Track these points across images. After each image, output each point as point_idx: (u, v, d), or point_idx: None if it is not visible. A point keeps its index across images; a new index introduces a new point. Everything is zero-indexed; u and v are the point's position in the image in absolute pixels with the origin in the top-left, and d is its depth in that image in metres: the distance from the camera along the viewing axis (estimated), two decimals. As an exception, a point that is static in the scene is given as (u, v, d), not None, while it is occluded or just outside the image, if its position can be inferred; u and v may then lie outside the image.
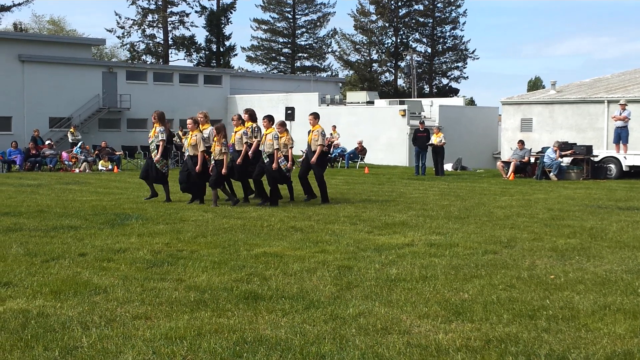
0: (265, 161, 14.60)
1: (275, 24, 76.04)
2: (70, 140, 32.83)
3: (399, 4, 74.97)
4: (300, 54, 76.95)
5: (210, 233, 10.38)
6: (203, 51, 67.38)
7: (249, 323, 5.66)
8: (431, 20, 75.46)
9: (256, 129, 15.18)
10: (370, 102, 44.88)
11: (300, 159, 17.09)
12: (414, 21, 75.75)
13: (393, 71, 77.08)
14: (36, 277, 7.23)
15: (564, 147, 24.59)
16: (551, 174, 23.69)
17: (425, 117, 40.98)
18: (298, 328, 5.53)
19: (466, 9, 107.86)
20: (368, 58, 77.45)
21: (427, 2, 74.90)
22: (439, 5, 75.36)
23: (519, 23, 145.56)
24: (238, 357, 4.89)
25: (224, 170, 14.12)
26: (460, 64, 77.14)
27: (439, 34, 76.28)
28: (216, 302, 6.27)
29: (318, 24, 75.95)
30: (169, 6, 63.52)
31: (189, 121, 14.81)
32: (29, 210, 12.99)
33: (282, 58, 77.14)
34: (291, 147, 14.76)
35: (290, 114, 35.00)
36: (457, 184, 21.98)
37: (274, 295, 6.55)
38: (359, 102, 45.59)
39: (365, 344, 5.16)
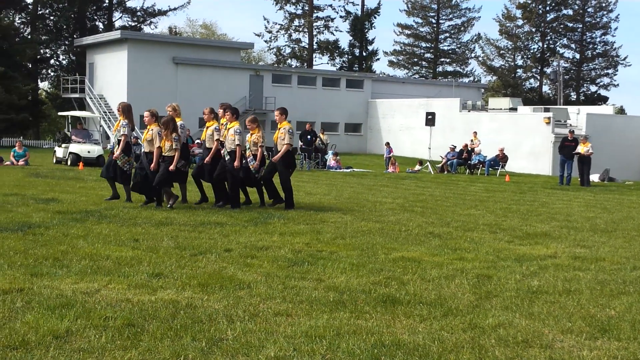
0: (226, 159, 13.40)
1: (419, 29, 75.66)
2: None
3: (547, 8, 72.78)
4: (442, 59, 76.15)
5: (349, 235, 10.51)
6: (346, 55, 68.19)
7: (386, 326, 5.70)
8: (581, 26, 72.78)
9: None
10: (513, 109, 43.75)
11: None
12: (562, 26, 73.33)
13: (538, 77, 74.92)
14: (185, 269, 7.58)
15: None
16: None
17: (571, 125, 39.53)
18: (436, 335, 5.51)
19: (618, 14, 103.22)
20: (512, 64, 75.67)
21: (576, 7, 72.32)
22: (589, 10, 72.59)
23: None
24: (376, 359, 4.94)
25: (172, 167, 12.78)
26: (610, 71, 74.00)
27: (589, 40, 73.47)
28: (354, 304, 6.36)
29: (462, 28, 74.87)
30: (315, 11, 64.81)
31: (146, 114, 13.26)
32: (178, 206, 13.62)
33: (423, 63, 76.63)
34: (261, 146, 13.63)
35: (430, 119, 34.73)
36: (604, 195, 21.06)
37: (411, 300, 6.56)
38: (501, 109, 44.59)
39: (505, 356, 5.08)
